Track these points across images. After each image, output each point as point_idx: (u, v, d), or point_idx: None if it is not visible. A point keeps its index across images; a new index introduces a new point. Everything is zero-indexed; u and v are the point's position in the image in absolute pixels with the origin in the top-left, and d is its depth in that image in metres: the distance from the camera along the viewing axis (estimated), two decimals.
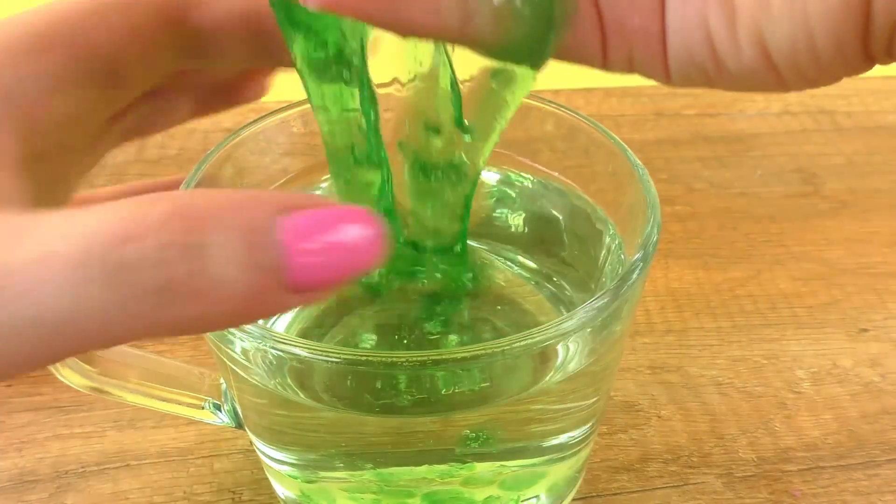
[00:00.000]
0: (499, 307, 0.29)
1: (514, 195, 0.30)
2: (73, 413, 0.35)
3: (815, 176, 0.48)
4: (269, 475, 0.30)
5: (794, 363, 0.37)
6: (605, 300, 0.21)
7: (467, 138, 0.22)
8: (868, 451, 0.33)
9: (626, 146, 0.26)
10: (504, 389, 0.23)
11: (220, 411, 0.29)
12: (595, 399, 0.26)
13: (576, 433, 0.27)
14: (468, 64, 0.21)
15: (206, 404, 0.29)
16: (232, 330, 0.21)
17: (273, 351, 0.21)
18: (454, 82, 0.21)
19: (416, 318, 0.27)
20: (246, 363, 0.23)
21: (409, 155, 0.23)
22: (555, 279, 0.29)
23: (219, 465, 0.33)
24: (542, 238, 0.29)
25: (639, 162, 0.25)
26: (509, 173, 0.30)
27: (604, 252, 0.27)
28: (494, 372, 0.22)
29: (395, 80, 0.22)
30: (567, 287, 0.28)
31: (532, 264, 0.29)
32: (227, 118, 0.52)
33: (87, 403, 0.35)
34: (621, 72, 0.18)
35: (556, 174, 0.29)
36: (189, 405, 0.28)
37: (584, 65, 0.18)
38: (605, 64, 0.18)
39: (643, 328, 0.38)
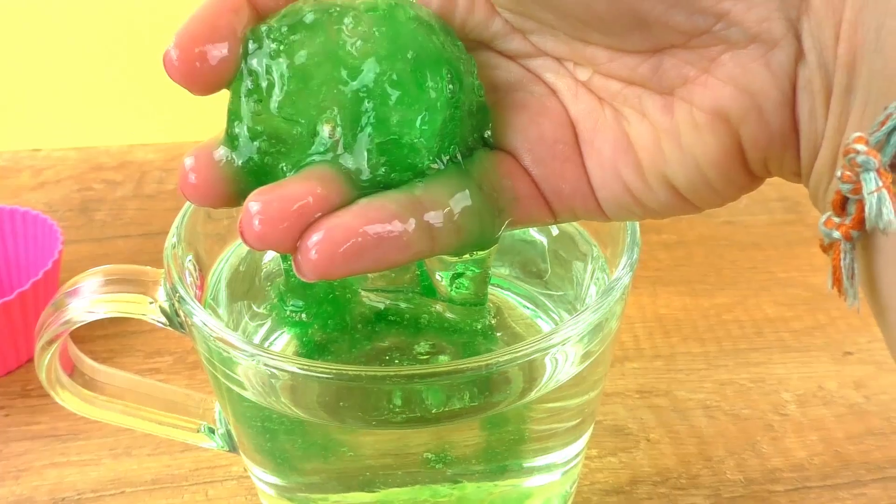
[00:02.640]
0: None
1: None
2: (69, 441, 0.35)
3: (799, 204, 0.49)
4: (263, 500, 0.30)
5: (780, 386, 0.37)
6: (589, 314, 0.22)
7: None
8: (854, 471, 0.34)
9: None
10: (494, 406, 0.23)
11: (215, 435, 0.29)
12: (580, 420, 0.27)
13: (565, 452, 0.27)
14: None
15: (201, 428, 0.29)
16: (229, 349, 0.22)
17: (268, 368, 0.22)
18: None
19: (408, 344, 0.28)
20: (243, 382, 0.23)
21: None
22: (542, 300, 0.29)
23: (213, 491, 0.33)
24: (528, 261, 0.30)
25: None
26: None
27: (588, 275, 0.28)
28: (484, 388, 0.23)
29: None
30: (552, 308, 0.29)
31: (521, 287, 0.30)
32: None
33: (83, 432, 0.36)
34: (570, 221, 0.22)
35: None
36: (184, 428, 0.29)
37: (537, 225, 0.22)
38: (555, 221, 0.22)
39: (632, 353, 0.39)
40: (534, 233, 0.30)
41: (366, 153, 0.19)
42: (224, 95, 0.20)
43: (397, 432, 0.24)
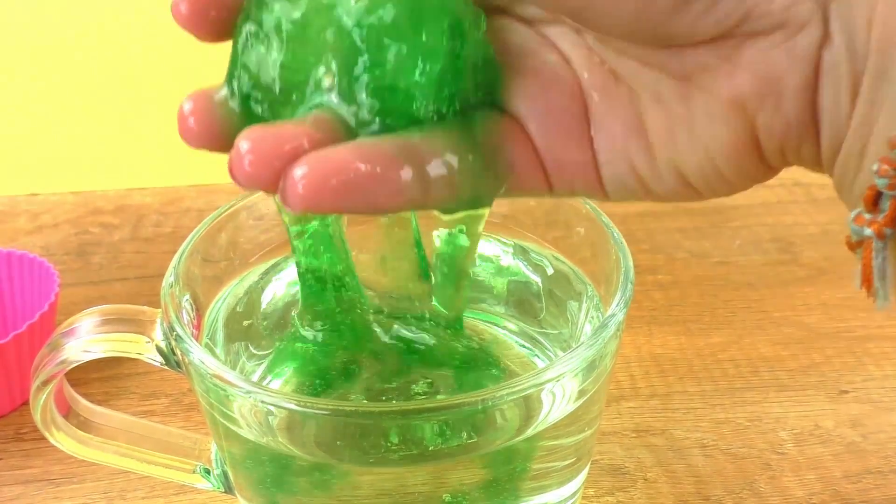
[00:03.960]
0: (488, 367, 0.29)
1: (498, 260, 0.31)
2: (63, 485, 0.35)
3: (792, 245, 0.49)
4: None
5: (776, 425, 0.37)
6: (584, 350, 0.22)
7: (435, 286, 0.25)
8: None
9: (598, 209, 0.27)
10: (490, 443, 0.23)
11: (210, 475, 0.29)
12: (576, 459, 0.27)
13: (562, 491, 0.27)
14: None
15: (197, 469, 0.29)
16: (226, 387, 0.22)
17: (265, 406, 0.22)
18: (418, 242, 0.25)
19: (403, 382, 0.28)
20: (239, 420, 0.23)
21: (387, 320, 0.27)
22: (537, 339, 0.30)
23: None
24: (524, 301, 0.30)
25: (611, 223, 0.27)
26: (497, 240, 0.31)
27: (582, 314, 0.28)
28: (480, 424, 0.23)
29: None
30: (548, 346, 0.29)
31: (515, 325, 0.30)
32: (222, 199, 0.53)
33: (77, 476, 0.35)
34: (565, 196, 0.21)
35: (538, 240, 0.30)
36: (179, 469, 0.29)
37: (532, 196, 0.21)
38: (551, 194, 0.21)
39: (628, 392, 0.39)
40: (528, 273, 0.30)
41: (363, 99, 0.19)
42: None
43: (394, 471, 0.24)
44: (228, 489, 0.29)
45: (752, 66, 0.17)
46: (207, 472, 0.29)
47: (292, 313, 0.27)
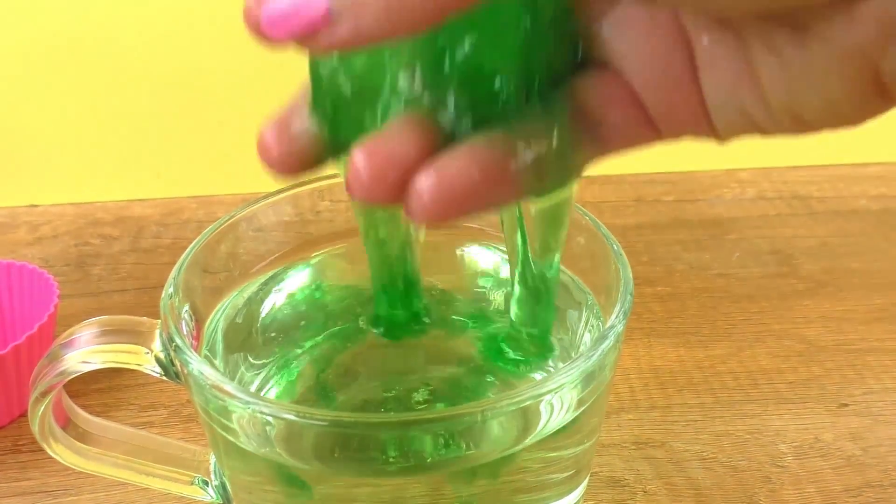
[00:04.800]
0: (486, 377, 0.29)
1: (497, 273, 0.31)
2: (60, 497, 0.35)
3: (792, 257, 0.49)
4: None
5: (776, 438, 0.37)
6: (583, 361, 0.22)
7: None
8: None
9: (598, 221, 0.27)
10: (489, 453, 0.23)
11: (209, 487, 0.29)
12: (575, 471, 0.27)
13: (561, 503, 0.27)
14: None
15: (195, 480, 0.29)
16: (225, 397, 0.22)
17: (264, 416, 0.22)
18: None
19: (404, 391, 0.28)
20: (238, 431, 0.23)
21: None
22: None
23: None
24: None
25: (610, 234, 0.27)
26: (497, 249, 0.31)
27: (582, 323, 0.28)
28: (479, 434, 0.23)
29: None
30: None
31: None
32: (222, 210, 0.53)
33: (74, 488, 0.35)
34: (674, 140, 0.21)
35: None
36: (177, 480, 0.29)
37: (641, 146, 0.21)
38: (660, 140, 0.20)
39: (628, 404, 0.39)
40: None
41: (449, 93, 0.18)
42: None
43: (392, 481, 0.24)
44: (227, 500, 0.29)
45: (872, 14, 0.17)
46: (206, 483, 0.29)
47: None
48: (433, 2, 0.15)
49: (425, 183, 0.17)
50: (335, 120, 0.20)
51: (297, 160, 0.20)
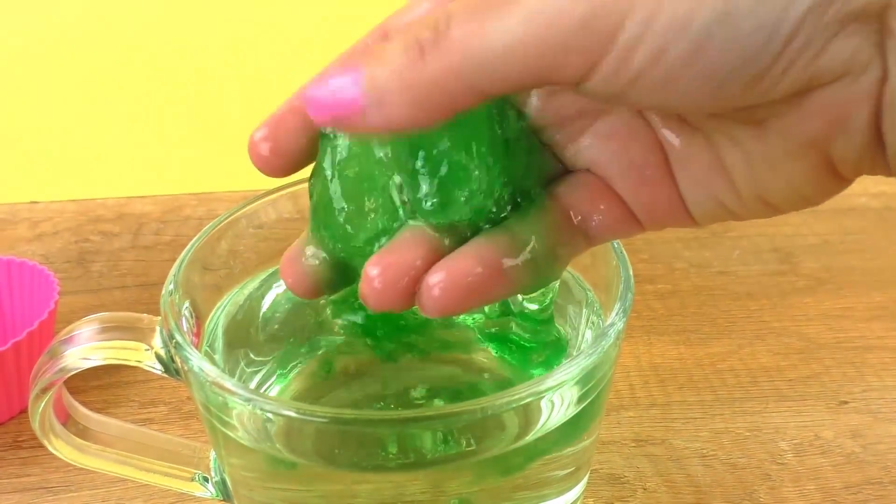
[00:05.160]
0: (485, 375, 0.29)
1: None
2: (60, 493, 0.35)
3: (792, 255, 0.49)
4: None
5: (776, 435, 0.37)
6: (583, 359, 0.22)
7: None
8: None
9: None
10: (489, 450, 0.23)
11: (209, 483, 0.29)
12: (575, 468, 0.27)
13: (561, 500, 0.27)
14: None
15: (195, 477, 0.29)
16: (225, 394, 0.22)
17: (264, 413, 0.22)
18: None
19: (403, 388, 0.28)
20: (238, 428, 0.23)
21: None
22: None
23: None
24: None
25: None
26: None
27: (583, 320, 0.28)
28: (479, 432, 0.23)
29: None
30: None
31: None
32: (222, 207, 0.53)
33: (74, 484, 0.35)
34: (656, 230, 0.23)
35: None
36: (177, 477, 0.29)
37: (627, 237, 0.23)
38: (644, 231, 0.23)
39: (627, 402, 0.39)
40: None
41: (437, 211, 0.21)
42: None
43: (392, 479, 0.24)
44: (227, 497, 0.29)
45: (821, 111, 0.19)
46: (206, 479, 0.29)
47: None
48: (446, 102, 0.18)
49: (436, 279, 0.20)
50: (333, 249, 0.22)
51: (316, 286, 0.23)
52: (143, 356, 0.26)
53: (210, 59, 0.55)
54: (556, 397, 0.22)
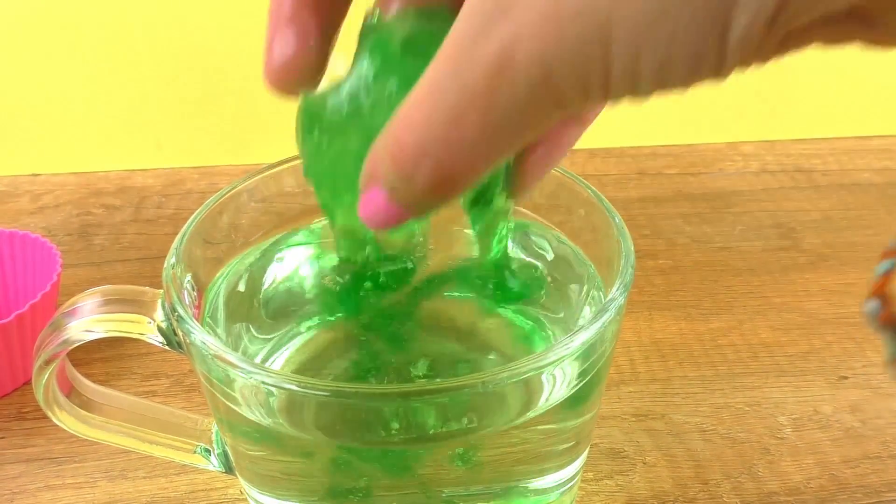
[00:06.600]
0: (487, 352, 0.30)
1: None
2: (65, 464, 0.35)
3: (794, 231, 0.49)
4: None
5: (776, 410, 0.37)
6: (584, 333, 0.22)
7: None
8: (850, 494, 0.34)
9: (600, 194, 0.27)
10: (490, 425, 0.23)
11: (211, 456, 0.29)
12: (575, 442, 0.27)
13: (561, 475, 0.27)
14: None
15: (198, 449, 0.29)
16: (227, 367, 0.22)
17: (266, 386, 0.22)
18: None
19: (404, 361, 0.28)
20: (240, 401, 0.23)
21: None
22: (541, 321, 0.30)
23: None
24: (527, 283, 0.30)
25: (612, 207, 0.27)
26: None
27: (584, 295, 0.28)
28: (480, 406, 0.23)
29: None
30: (549, 327, 0.29)
31: (518, 310, 0.30)
32: (223, 181, 0.53)
33: (79, 455, 0.36)
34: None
35: (541, 220, 0.30)
36: (180, 449, 0.29)
37: None
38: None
39: (628, 377, 0.39)
40: (530, 258, 0.30)
41: None
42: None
43: (393, 452, 0.24)
44: (229, 469, 0.29)
45: None
46: (208, 452, 0.29)
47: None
48: (458, 184, 0.18)
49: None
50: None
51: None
52: (146, 329, 0.26)
53: (212, 33, 0.55)
54: (556, 372, 0.22)
